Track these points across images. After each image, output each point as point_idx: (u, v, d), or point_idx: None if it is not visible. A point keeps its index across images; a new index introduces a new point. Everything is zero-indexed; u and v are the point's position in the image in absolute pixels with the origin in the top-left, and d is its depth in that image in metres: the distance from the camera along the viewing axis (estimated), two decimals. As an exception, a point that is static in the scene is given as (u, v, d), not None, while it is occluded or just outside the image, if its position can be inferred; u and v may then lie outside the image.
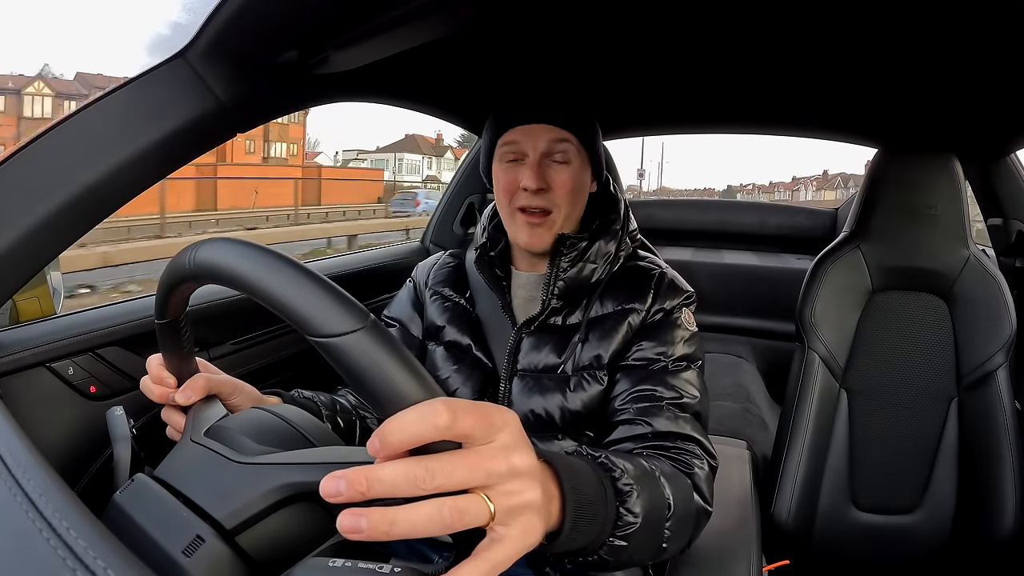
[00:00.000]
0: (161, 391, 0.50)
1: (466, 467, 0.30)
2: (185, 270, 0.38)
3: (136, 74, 0.55)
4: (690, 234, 2.22)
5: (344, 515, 0.28)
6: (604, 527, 0.43)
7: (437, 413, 0.29)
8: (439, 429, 0.29)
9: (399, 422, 0.29)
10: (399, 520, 0.29)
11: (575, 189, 0.71)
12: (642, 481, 0.48)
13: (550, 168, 0.71)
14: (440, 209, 1.53)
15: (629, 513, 0.45)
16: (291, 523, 0.40)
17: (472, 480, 0.30)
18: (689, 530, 0.56)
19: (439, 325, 0.79)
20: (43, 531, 0.29)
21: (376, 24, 0.57)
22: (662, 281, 0.73)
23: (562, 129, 0.70)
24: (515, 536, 0.32)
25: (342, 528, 0.28)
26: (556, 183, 0.70)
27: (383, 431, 0.29)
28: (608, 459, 0.48)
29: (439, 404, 0.30)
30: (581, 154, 0.72)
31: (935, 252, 1.12)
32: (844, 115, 1.27)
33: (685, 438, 0.63)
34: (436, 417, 0.29)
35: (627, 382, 0.67)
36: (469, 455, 0.31)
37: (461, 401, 0.31)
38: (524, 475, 0.32)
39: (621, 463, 0.48)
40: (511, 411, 0.34)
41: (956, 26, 0.73)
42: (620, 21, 0.81)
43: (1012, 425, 1.05)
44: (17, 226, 0.49)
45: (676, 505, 0.52)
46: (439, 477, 0.29)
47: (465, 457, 0.30)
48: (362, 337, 0.31)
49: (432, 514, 0.29)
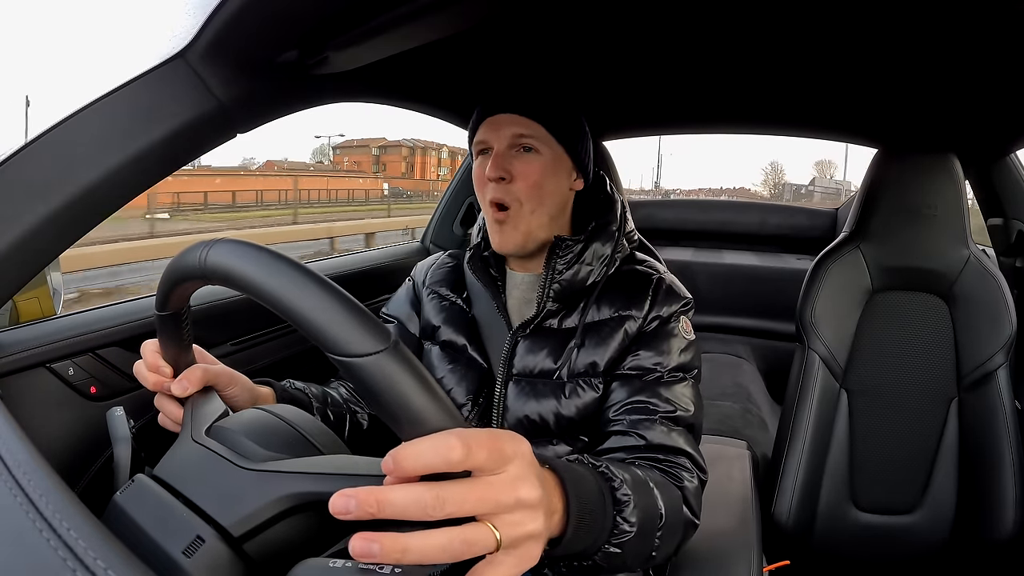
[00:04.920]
0: (156, 379, 0.50)
1: (476, 498, 0.31)
2: (194, 269, 0.38)
3: (136, 74, 0.55)
4: (690, 234, 2.22)
5: (357, 539, 0.29)
6: (601, 535, 0.45)
7: (451, 448, 0.30)
8: (452, 464, 0.30)
9: (414, 450, 0.30)
10: (411, 548, 0.29)
11: (540, 182, 0.68)
12: (638, 491, 0.50)
13: (515, 159, 0.69)
14: (440, 210, 1.53)
15: (625, 522, 0.47)
16: (296, 530, 0.39)
17: (480, 510, 0.31)
18: (677, 539, 0.58)
19: (435, 325, 0.78)
20: (43, 531, 0.29)
21: (376, 24, 0.57)
22: (660, 287, 0.72)
23: (527, 119, 0.69)
24: (512, 563, 0.33)
25: (354, 552, 0.29)
26: (518, 173, 0.68)
27: (398, 456, 0.30)
28: (608, 469, 0.49)
29: (454, 438, 0.30)
30: (552, 146, 0.70)
31: (935, 252, 1.12)
32: (844, 115, 1.27)
33: (677, 452, 0.63)
34: (450, 452, 0.30)
35: (622, 392, 0.67)
36: (479, 486, 0.31)
37: (475, 433, 0.31)
38: (530, 507, 0.33)
39: (620, 473, 0.50)
40: (523, 441, 0.35)
41: (956, 26, 0.73)
42: (620, 21, 0.81)
43: (1012, 425, 1.05)
44: (17, 226, 0.49)
45: (667, 515, 0.54)
46: (449, 506, 0.30)
47: (475, 488, 0.31)
48: (384, 359, 0.31)
49: (444, 544, 0.30)
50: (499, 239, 0.71)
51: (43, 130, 0.52)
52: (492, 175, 0.68)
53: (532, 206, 0.69)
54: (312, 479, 0.39)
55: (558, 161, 0.71)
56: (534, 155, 0.69)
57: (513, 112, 0.69)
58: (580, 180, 0.74)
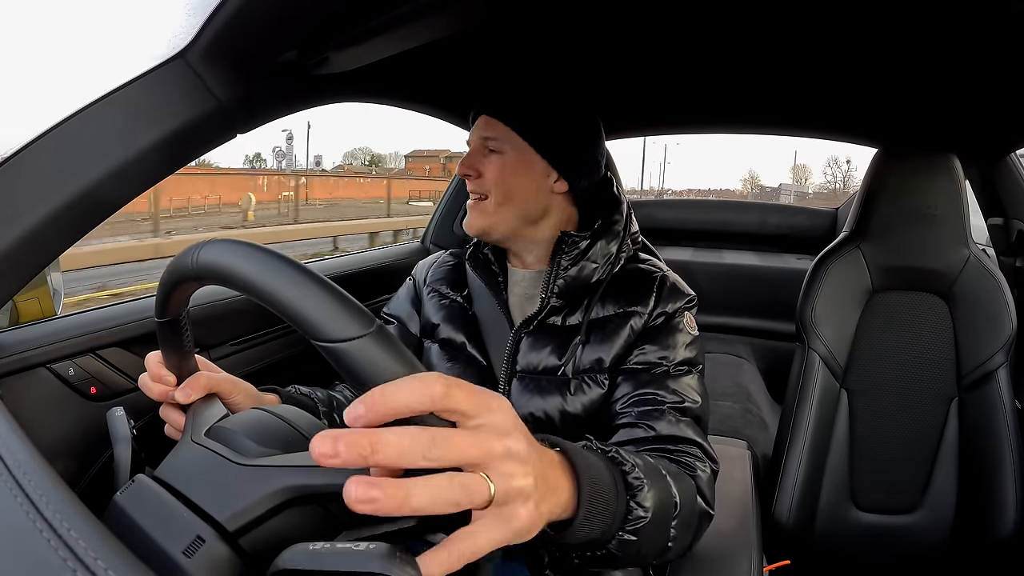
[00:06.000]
0: (160, 389, 0.50)
1: (469, 443, 0.29)
2: (188, 270, 0.38)
3: (136, 74, 0.55)
4: (690, 234, 2.22)
5: (354, 482, 0.26)
6: (615, 520, 0.43)
7: (432, 383, 0.29)
8: (433, 400, 0.29)
9: (392, 388, 0.28)
10: (413, 493, 0.27)
11: (502, 178, 0.71)
12: (651, 477, 0.48)
13: (485, 157, 0.73)
14: (440, 209, 1.53)
15: (639, 507, 0.45)
16: (292, 525, 0.40)
17: (471, 455, 0.29)
18: (692, 531, 0.57)
19: (435, 323, 0.79)
20: (43, 531, 0.29)
21: (376, 24, 0.57)
22: (664, 284, 0.73)
23: (495, 120, 0.72)
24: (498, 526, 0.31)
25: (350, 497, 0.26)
26: (485, 171, 0.72)
27: (372, 395, 0.28)
28: (618, 453, 0.48)
29: (434, 376, 0.29)
30: (518, 147, 0.71)
31: (935, 252, 1.12)
32: (844, 115, 1.27)
33: (687, 441, 0.63)
34: (431, 388, 0.29)
35: (628, 386, 0.67)
36: (470, 432, 0.30)
37: (456, 379, 0.30)
38: (519, 458, 0.31)
39: (631, 458, 0.48)
40: (504, 398, 0.33)
41: (957, 26, 0.73)
42: (621, 21, 0.81)
43: (1012, 425, 1.05)
44: (17, 226, 0.49)
45: (682, 504, 0.52)
46: (443, 448, 0.28)
47: (467, 434, 0.30)
48: (368, 343, 0.31)
49: (444, 487, 0.28)
50: (468, 221, 0.75)
51: (43, 130, 0.52)
52: (460, 172, 0.74)
53: (498, 200, 0.72)
54: (305, 472, 0.39)
55: (524, 162, 0.72)
56: (497, 156, 0.72)
57: (484, 114, 0.73)
58: (562, 182, 0.73)
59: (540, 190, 0.73)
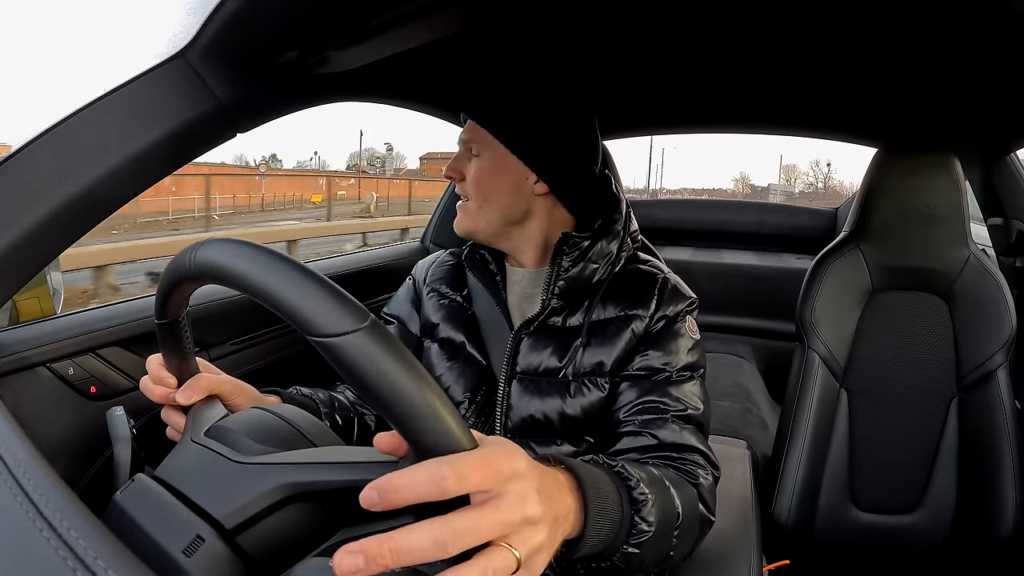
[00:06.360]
0: (161, 391, 0.50)
1: (489, 523, 0.31)
2: (185, 269, 0.38)
3: (136, 74, 0.55)
4: (690, 234, 2.22)
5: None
6: (619, 535, 0.45)
7: (443, 476, 0.30)
8: (445, 491, 0.30)
9: (403, 480, 0.30)
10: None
11: (480, 181, 0.72)
12: (655, 490, 0.50)
13: (466, 161, 0.74)
14: (440, 209, 1.53)
15: (643, 522, 0.47)
16: (291, 523, 0.40)
17: (493, 535, 0.31)
18: (693, 538, 0.59)
19: (434, 322, 0.79)
20: (43, 531, 0.29)
21: (377, 24, 0.57)
22: (665, 287, 0.73)
23: (475, 123, 0.73)
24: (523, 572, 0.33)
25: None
26: (467, 173, 0.74)
27: (385, 487, 0.29)
28: (624, 468, 0.49)
29: (444, 466, 0.30)
30: (494, 149, 0.72)
31: (935, 252, 1.12)
32: (844, 115, 1.27)
33: (690, 449, 0.64)
34: (442, 480, 0.30)
35: (631, 393, 0.67)
36: (488, 511, 0.31)
37: (465, 457, 0.31)
38: (535, 520, 0.33)
39: (636, 472, 0.50)
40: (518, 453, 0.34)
41: (956, 26, 0.73)
42: (620, 21, 0.81)
43: (1012, 425, 1.05)
44: (17, 226, 0.49)
45: (684, 513, 0.54)
46: (465, 538, 0.29)
47: (486, 514, 0.31)
48: (361, 337, 0.31)
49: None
50: (455, 222, 0.77)
51: (43, 130, 0.52)
52: (445, 174, 0.76)
53: (478, 203, 0.73)
54: (302, 469, 0.39)
55: (501, 164, 0.72)
56: (476, 159, 0.73)
57: (471, 117, 0.74)
58: (541, 184, 0.72)
59: (519, 192, 0.73)
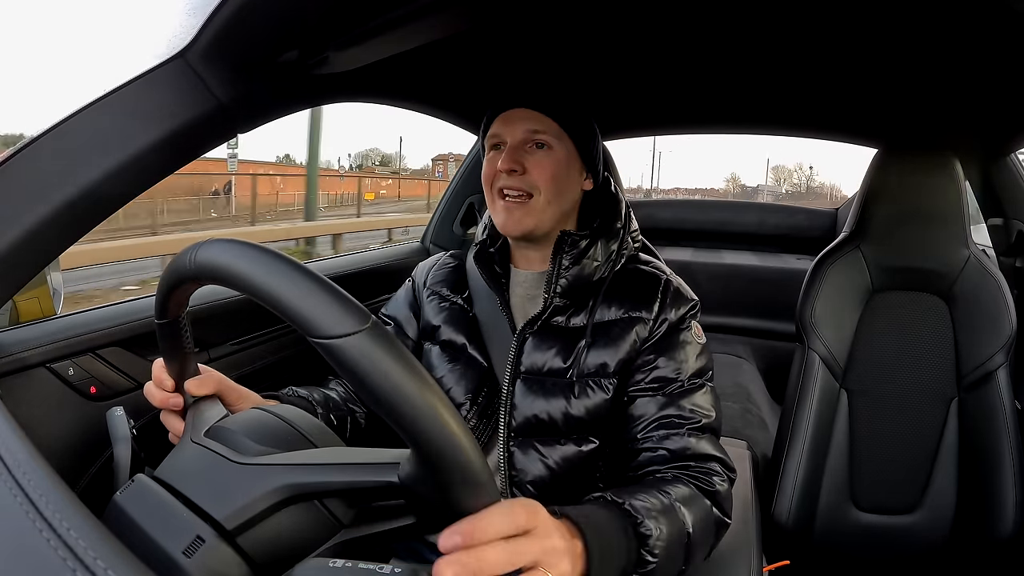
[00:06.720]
0: (162, 395, 0.51)
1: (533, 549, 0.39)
2: (185, 270, 0.38)
3: (136, 74, 0.55)
4: (690, 234, 2.21)
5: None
6: (627, 568, 0.49)
7: (518, 515, 0.38)
8: (518, 527, 0.38)
9: (486, 522, 0.36)
10: None
11: (557, 175, 0.70)
12: (663, 520, 0.53)
13: (529, 154, 0.70)
14: (440, 209, 1.53)
15: (649, 554, 0.51)
16: (291, 524, 0.40)
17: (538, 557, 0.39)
18: (708, 544, 0.61)
19: (435, 325, 0.78)
20: (43, 531, 0.29)
21: (377, 24, 0.57)
22: (668, 289, 0.73)
23: (540, 114, 0.70)
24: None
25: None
26: (533, 166, 0.69)
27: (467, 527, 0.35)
28: (631, 506, 0.52)
29: (519, 508, 0.39)
30: (564, 143, 0.71)
31: (935, 252, 1.12)
32: (844, 115, 1.27)
33: (706, 458, 0.65)
34: (518, 519, 0.38)
35: (647, 408, 0.68)
36: (535, 540, 0.39)
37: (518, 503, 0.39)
38: (560, 551, 0.42)
39: (642, 506, 0.52)
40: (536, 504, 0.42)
41: (956, 26, 0.73)
42: (620, 21, 0.81)
43: (1012, 425, 1.05)
44: (17, 226, 0.49)
45: (695, 530, 0.56)
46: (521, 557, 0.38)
47: (534, 542, 0.39)
48: (363, 339, 0.31)
49: None
50: (504, 221, 0.71)
51: (43, 130, 0.52)
52: (504, 167, 0.69)
53: (548, 197, 0.70)
54: (303, 470, 0.39)
55: (570, 159, 0.72)
56: (547, 151, 0.71)
57: (529, 107, 0.71)
58: (589, 180, 0.76)
59: (576, 189, 0.74)
